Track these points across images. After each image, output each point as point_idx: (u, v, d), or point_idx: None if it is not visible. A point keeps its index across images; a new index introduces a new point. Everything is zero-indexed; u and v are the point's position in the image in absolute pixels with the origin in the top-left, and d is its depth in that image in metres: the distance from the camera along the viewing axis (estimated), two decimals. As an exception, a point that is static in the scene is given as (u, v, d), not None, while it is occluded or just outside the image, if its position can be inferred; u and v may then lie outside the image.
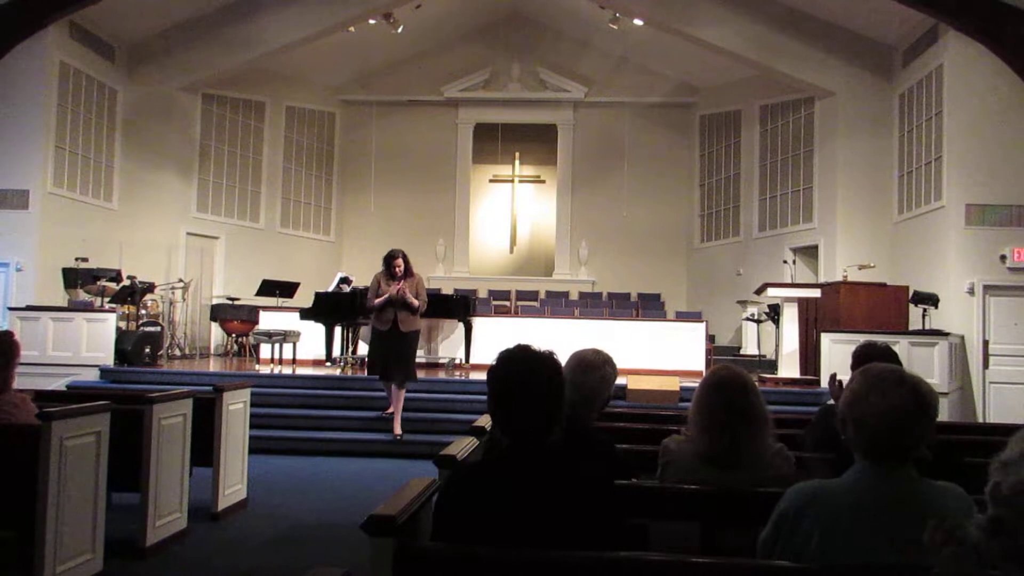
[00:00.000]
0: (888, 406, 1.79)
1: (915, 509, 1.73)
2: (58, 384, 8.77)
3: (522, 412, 2.00)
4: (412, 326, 7.59)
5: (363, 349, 11.35)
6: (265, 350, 10.71)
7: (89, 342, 9.53)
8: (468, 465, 2.39)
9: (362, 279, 12.12)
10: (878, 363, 1.97)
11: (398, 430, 7.72)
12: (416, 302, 7.49)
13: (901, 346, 8.42)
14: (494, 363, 2.08)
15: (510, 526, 1.88)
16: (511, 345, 2.11)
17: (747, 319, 12.91)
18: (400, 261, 7.53)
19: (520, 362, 2.05)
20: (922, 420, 1.80)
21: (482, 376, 10.28)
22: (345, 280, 10.97)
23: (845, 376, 3.60)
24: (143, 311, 11.04)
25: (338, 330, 10.54)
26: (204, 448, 5.11)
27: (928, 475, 1.87)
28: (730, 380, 2.57)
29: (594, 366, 2.94)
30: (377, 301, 7.48)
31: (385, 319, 7.48)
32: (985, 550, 1.32)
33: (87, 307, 10.03)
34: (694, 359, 10.75)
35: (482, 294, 14.46)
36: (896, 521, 1.74)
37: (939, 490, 1.83)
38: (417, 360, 11.54)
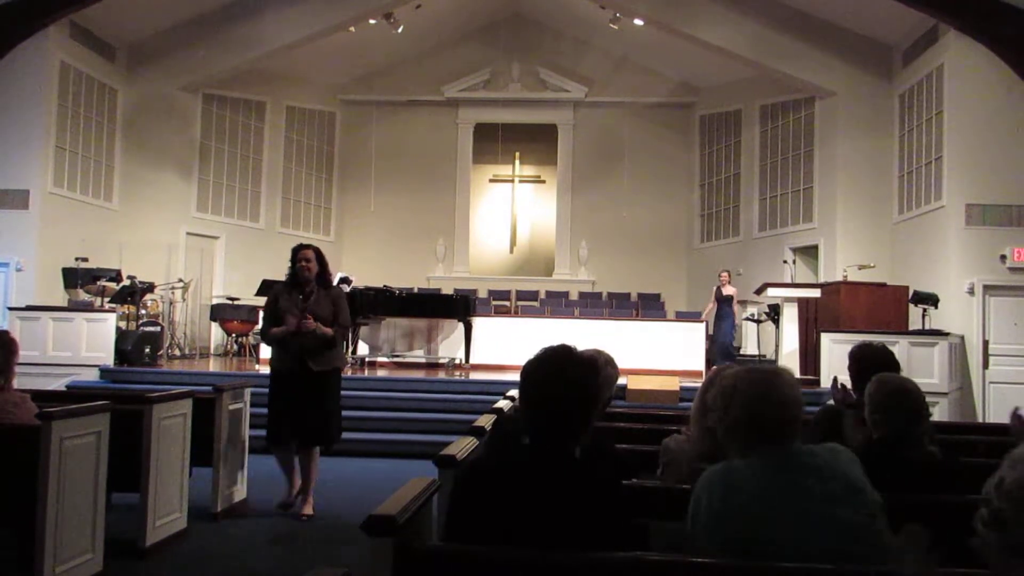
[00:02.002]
0: (767, 396, 1.93)
1: (811, 471, 1.86)
2: (58, 384, 8.77)
3: (550, 414, 1.98)
4: (329, 363, 5.22)
5: (363, 349, 11.36)
6: (265, 350, 10.70)
7: (89, 342, 9.53)
8: (482, 463, 2.38)
9: (362, 279, 12.14)
10: (731, 367, 2.12)
11: (309, 510, 5.24)
12: (330, 331, 5.15)
13: (901, 346, 8.42)
14: (531, 359, 2.05)
15: (525, 526, 1.87)
16: (554, 344, 2.07)
17: (747, 319, 12.92)
18: (310, 255, 5.18)
19: (556, 362, 2.02)
20: (785, 401, 1.93)
21: (482, 376, 10.32)
22: (345, 280, 10.95)
23: (846, 377, 3.62)
24: (143, 311, 11.03)
25: (338, 330, 10.51)
26: (204, 448, 5.10)
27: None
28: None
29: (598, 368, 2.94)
30: (275, 331, 5.17)
31: (286, 354, 5.16)
32: (988, 543, 1.37)
33: (87, 307, 10.03)
34: (694, 359, 10.75)
35: (482, 294, 14.46)
36: (794, 485, 1.84)
37: (828, 451, 1.94)
38: (417, 360, 11.71)
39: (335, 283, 10.83)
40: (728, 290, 11.92)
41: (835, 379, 3.85)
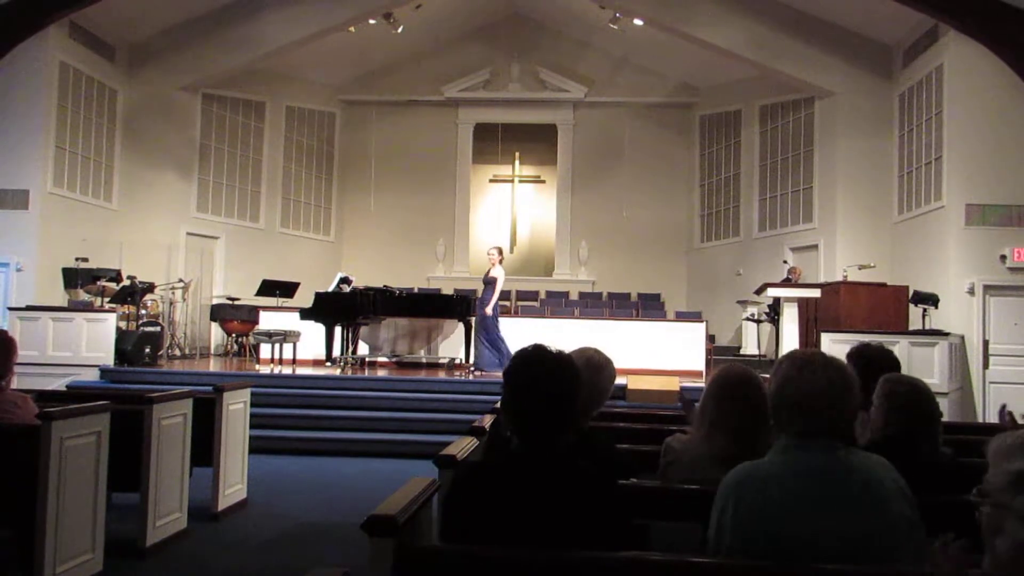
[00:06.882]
0: (818, 385, 1.90)
1: (844, 477, 1.85)
2: (58, 384, 8.76)
3: (535, 413, 2.02)
4: None
5: (363, 349, 11.37)
6: (265, 350, 10.71)
7: (89, 342, 9.53)
8: (475, 464, 2.40)
9: (362, 279, 12.14)
10: (801, 349, 2.05)
11: None
12: None
13: (901, 346, 8.41)
14: (511, 362, 2.11)
15: (518, 526, 1.88)
16: (528, 345, 2.13)
17: (747, 319, 12.92)
18: None
19: (538, 363, 2.07)
20: (847, 396, 1.92)
21: (482, 376, 10.29)
22: (345, 280, 10.97)
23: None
24: (143, 311, 11.03)
25: (338, 330, 10.53)
26: (204, 448, 5.10)
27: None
28: (743, 378, 2.58)
29: (601, 366, 2.94)
30: None
31: None
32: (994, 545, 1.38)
33: (87, 307, 10.03)
34: (694, 359, 10.74)
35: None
36: (828, 489, 1.83)
37: (865, 459, 1.93)
38: (417, 360, 11.75)
39: (335, 283, 10.94)
40: (493, 272, 10.22)
41: None
